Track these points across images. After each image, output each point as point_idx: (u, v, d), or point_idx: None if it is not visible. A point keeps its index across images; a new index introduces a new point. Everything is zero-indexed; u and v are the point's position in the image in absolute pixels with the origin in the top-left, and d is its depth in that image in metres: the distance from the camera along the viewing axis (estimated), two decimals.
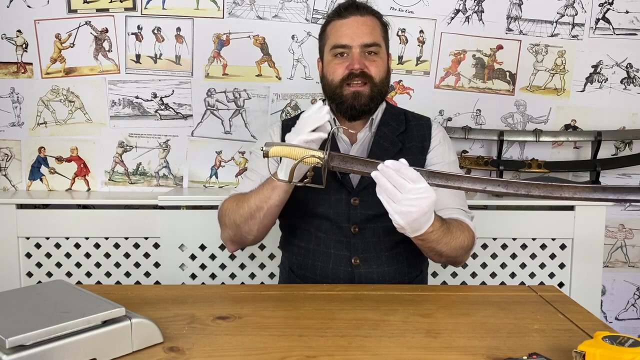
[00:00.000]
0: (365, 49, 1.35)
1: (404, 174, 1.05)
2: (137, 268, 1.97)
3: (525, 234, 1.98)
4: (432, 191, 1.07)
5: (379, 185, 1.08)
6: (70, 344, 0.82)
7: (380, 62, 1.37)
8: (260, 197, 1.28)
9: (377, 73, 1.35)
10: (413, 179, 1.06)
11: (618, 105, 2.10)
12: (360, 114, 1.37)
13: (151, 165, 2.10)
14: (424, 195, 1.06)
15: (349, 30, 1.35)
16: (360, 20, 1.36)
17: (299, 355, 0.89)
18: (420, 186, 1.06)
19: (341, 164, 1.11)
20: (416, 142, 1.42)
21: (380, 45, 1.37)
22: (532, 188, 1.05)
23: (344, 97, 1.35)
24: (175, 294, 1.20)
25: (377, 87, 1.35)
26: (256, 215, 1.29)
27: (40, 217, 1.94)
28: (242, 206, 1.31)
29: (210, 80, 2.04)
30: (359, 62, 1.33)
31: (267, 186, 1.27)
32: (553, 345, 0.93)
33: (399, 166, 1.06)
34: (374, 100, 1.36)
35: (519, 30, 2.05)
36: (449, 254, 1.25)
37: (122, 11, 2.00)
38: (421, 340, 0.96)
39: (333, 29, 1.38)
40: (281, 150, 1.12)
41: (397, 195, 1.06)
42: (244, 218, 1.31)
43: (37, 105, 2.04)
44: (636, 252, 2.19)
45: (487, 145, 2.12)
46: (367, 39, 1.34)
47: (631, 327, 2.20)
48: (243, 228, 1.33)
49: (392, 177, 1.06)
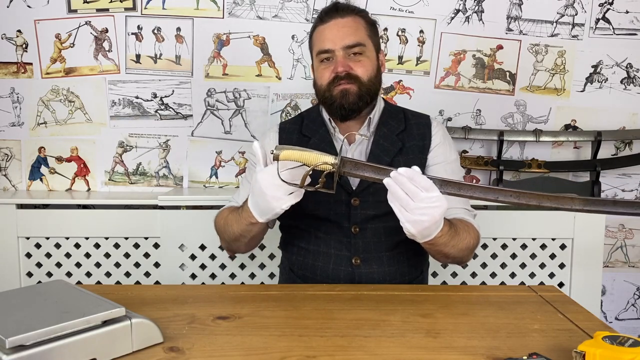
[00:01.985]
0: (348, 50, 1.33)
1: (417, 182, 1.04)
2: (137, 268, 1.97)
3: (525, 234, 1.98)
4: (444, 200, 1.07)
5: (390, 192, 1.06)
6: (70, 344, 0.82)
7: (366, 60, 1.35)
8: (241, 227, 1.29)
9: (364, 72, 1.34)
10: (426, 187, 1.05)
11: (618, 105, 2.10)
12: (350, 112, 1.36)
13: (151, 165, 2.09)
14: (436, 204, 1.05)
15: (330, 34, 1.34)
16: (340, 23, 1.35)
17: (299, 355, 0.89)
18: (433, 195, 1.05)
19: (353, 170, 1.10)
20: (416, 140, 1.41)
21: (364, 45, 1.35)
22: (544, 199, 1.06)
23: (333, 97, 1.35)
24: (175, 294, 1.20)
25: (365, 85, 1.34)
26: (241, 239, 1.33)
27: (40, 217, 1.94)
28: (227, 230, 1.34)
29: (210, 80, 2.04)
30: (342, 65, 1.33)
31: (244, 220, 1.26)
32: (553, 345, 0.93)
33: (412, 174, 1.05)
34: (363, 98, 1.35)
35: (519, 30, 2.05)
36: (455, 255, 1.25)
37: (122, 11, 2.00)
38: (421, 340, 0.96)
39: (317, 35, 1.38)
40: (291, 154, 1.10)
41: (409, 204, 1.05)
42: (230, 239, 1.36)
43: (37, 105, 2.04)
44: (636, 252, 2.19)
45: (487, 145, 2.12)
46: (348, 40, 1.33)
47: (631, 327, 2.20)
48: (232, 245, 1.39)
49: (405, 185, 1.04)
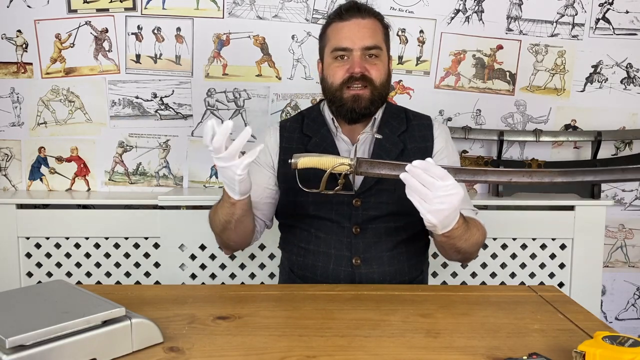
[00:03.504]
0: (366, 51, 1.34)
1: (432, 173, 1.08)
2: (137, 268, 1.97)
3: (525, 234, 1.98)
4: (459, 187, 1.11)
5: (408, 186, 1.10)
6: (70, 344, 0.82)
7: (381, 65, 1.36)
8: (225, 212, 1.28)
9: (378, 76, 1.35)
10: (441, 176, 1.08)
11: (618, 105, 2.10)
12: (360, 117, 1.37)
13: (151, 165, 2.09)
14: (453, 191, 1.09)
15: (350, 33, 1.34)
16: (361, 23, 1.34)
17: (299, 355, 0.89)
18: (449, 183, 1.09)
19: (369, 169, 1.15)
20: (418, 142, 1.41)
21: (381, 48, 1.36)
22: (555, 175, 1.10)
23: (344, 100, 1.35)
24: (175, 294, 1.20)
25: (377, 90, 1.35)
26: (228, 227, 1.32)
27: (40, 217, 1.94)
28: (215, 219, 1.34)
29: (210, 80, 2.04)
30: (359, 66, 1.32)
31: (226, 203, 1.26)
32: (553, 345, 0.93)
33: (427, 165, 1.08)
34: (374, 103, 1.36)
35: (519, 30, 2.05)
36: (466, 249, 1.27)
37: (122, 11, 2.00)
38: (421, 340, 0.96)
39: (334, 31, 1.37)
40: (309, 160, 1.17)
41: (428, 194, 1.08)
42: (219, 230, 1.35)
43: (37, 105, 2.04)
44: (636, 252, 2.19)
45: (487, 145, 2.12)
46: (368, 42, 1.33)
47: (631, 327, 2.20)
48: (222, 237, 1.38)
49: (421, 177, 1.08)
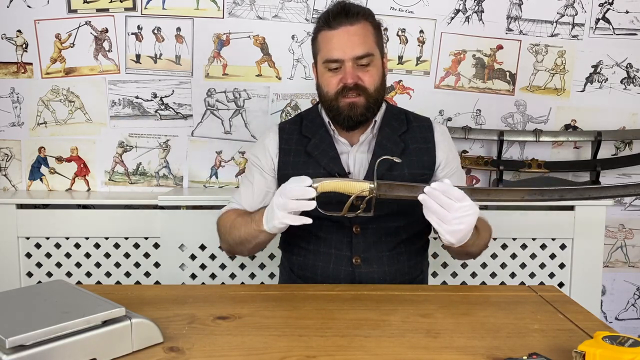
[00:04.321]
0: (357, 61, 1.31)
1: (450, 194, 1.12)
2: (137, 268, 1.97)
3: (525, 234, 1.98)
4: (476, 207, 1.15)
5: (426, 207, 1.14)
6: (70, 344, 0.82)
7: (374, 70, 1.34)
8: (249, 231, 1.31)
9: (372, 83, 1.34)
10: (459, 198, 1.12)
11: (618, 105, 2.09)
12: (357, 124, 1.36)
13: (151, 165, 2.09)
14: (470, 211, 1.13)
15: (339, 43, 1.31)
16: (350, 30, 1.31)
17: (299, 355, 0.89)
18: (466, 204, 1.12)
19: (388, 192, 1.20)
20: (419, 143, 1.42)
21: (372, 54, 1.33)
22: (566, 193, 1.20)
23: (340, 109, 1.34)
24: (175, 294, 1.20)
25: (372, 96, 1.34)
26: (246, 244, 1.34)
27: (40, 217, 1.94)
28: (234, 232, 1.36)
29: (210, 80, 2.04)
30: (352, 77, 1.31)
31: (254, 226, 1.29)
32: (553, 345, 0.93)
33: (445, 187, 1.12)
34: (370, 109, 1.35)
35: (519, 30, 2.05)
36: (476, 252, 1.35)
37: (122, 11, 2.00)
38: (421, 340, 0.96)
39: (323, 41, 1.35)
40: (328, 185, 1.21)
41: (446, 216, 1.12)
42: (235, 242, 1.37)
43: (37, 105, 2.04)
44: (636, 252, 2.19)
45: (487, 145, 2.12)
46: (358, 51, 1.31)
47: (631, 327, 2.20)
48: (235, 249, 1.41)
49: (440, 199, 1.12)
